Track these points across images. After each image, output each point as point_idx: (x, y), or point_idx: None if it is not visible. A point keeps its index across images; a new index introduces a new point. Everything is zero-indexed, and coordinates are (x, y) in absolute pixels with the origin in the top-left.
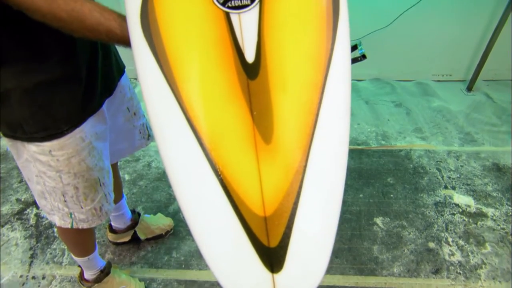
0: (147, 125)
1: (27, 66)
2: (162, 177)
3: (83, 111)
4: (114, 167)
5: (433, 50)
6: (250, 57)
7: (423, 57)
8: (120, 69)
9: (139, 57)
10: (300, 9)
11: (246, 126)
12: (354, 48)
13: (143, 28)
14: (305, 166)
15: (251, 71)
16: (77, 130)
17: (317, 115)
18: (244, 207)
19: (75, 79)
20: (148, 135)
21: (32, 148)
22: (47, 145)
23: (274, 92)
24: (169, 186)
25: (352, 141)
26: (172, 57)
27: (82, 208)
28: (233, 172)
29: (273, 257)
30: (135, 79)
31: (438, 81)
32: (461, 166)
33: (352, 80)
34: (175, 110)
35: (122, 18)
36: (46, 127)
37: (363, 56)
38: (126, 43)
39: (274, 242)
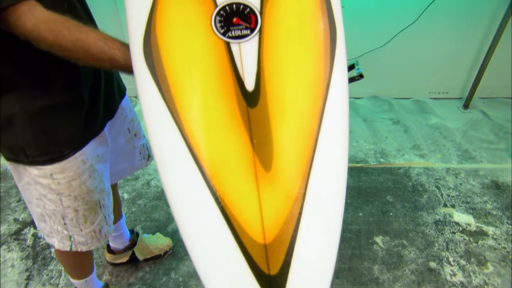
0: (147, 145)
1: (31, 92)
2: (161, 196)
3: (85, 134)
4: (114, 187)
5: (429, 68)
6: (250, 85)
7: (420, 75)
8: (121, 91)
9: (142, 85)
10: (298, 38)
11: (246, 153)
12: (351, 67)
13: (146, 56)
14: (304, 193)
15: (251, 99)
16: (79, 153)
17: (316, 141)
18: (244, 234)
19: (78, 104)
20: (148, 156)
21: (34, 171)
22: (48, 168)
23: (274, 120)
24: (168, 205)
25: (351, 159)
26: (173, 86)
27: (81, 230)
28: (233, 199)
29: (273, 284)
30: (135, 97)
31: (435, 98)
32: (460, 184)
33: (350, 98)
34: (176, 137)
35: (126, 47)
36: (48, 151)
37: (360, 76)
38: (129, 70)
39: (274, 270)
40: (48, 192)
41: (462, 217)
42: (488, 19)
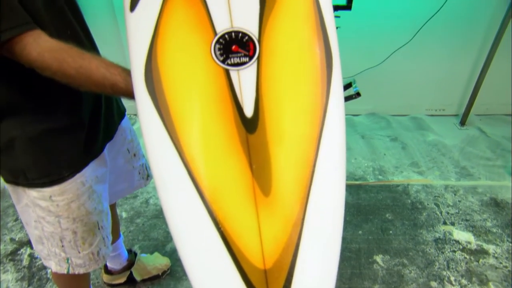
0: (146, 165)
1: (33, 116)
2: (160, 214)
3: (85, 156)
4: (112, 207)
5: (426, 85)
6: (249, 112)
7: (416, 92)
8: (121, 112)
9: (143, 111)
10: (296, 65)
11: (245, 178)
12: (348, 86)
13: (147, 83)
14: (303, 218)
15: (250, 125)
16: (78, 175)
17: (313, 167)
18: (244, 259)
19: (79, 126)
20: (147, 175)
21: (33, 193)
22: (47, 190)
23: (272, 146)
24: (167, 224)
25: (350, 176)
26: (174, 112)
27: (79, 252)
28: (233, 225)
29: None
30: (135, 115)
31: (432, 115)
32: (459, 201)
33: (348, 115)
34: (176, 162)
35: (127, 73)
36: (48, 173)
37: (358, 94)
38: (130, 96)
39: None
40: (46, 214)
41: (462, 235)
42: (482, 37)
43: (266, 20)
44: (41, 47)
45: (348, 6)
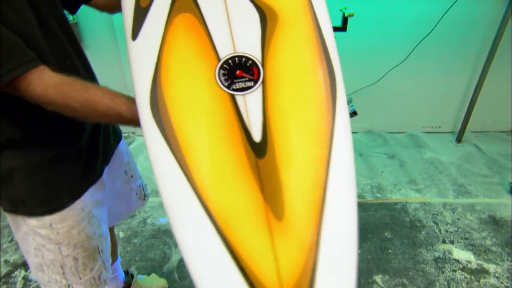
0: (143, 186)
1: (33, 147)
2: (157, 234)
3: (84, 182)
4: (111, 229)
5: (421, 103)
6: (257, 136)
7: (412, 110)
8: (117, 136)
9: (150, 140)
10: (300, 87)
11: (258, 204)
12: None
13: (153, 111)
14: (318, 241)
15: (259, 150)
16: (78, 201)
17: (325, 189)
18: (262, 287)
19: (78, 154)
20: (144, 196)
21: (32, 222)
22: (47, 218)
23: (282, 170)
24: (164, 244)
25: None
26: (181, 139)
27: (80, 278)
28: (248, 251)
29: None
30: (133, 133)
31: (428, 132)
32: (458, 219)
33: None
34: (187, 191)
35: (131, 101)
36: (48, 201)
37: (354, 113)
38: (136, 124)
39: None
40: (47, 242)
41: (462, 254)
42: (475, 56)
43: (268, 43)
44: (45, 83)
45: (343, 28)
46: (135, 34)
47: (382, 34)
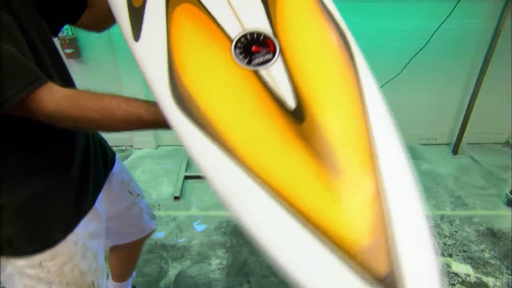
0: (148, 205)
1: (20, 181)
2: (154, 249)
3: (76, 214)
4: (138, 245)
5: (417, 115)
6: (291, 103)
7: (408, 122)
8: (110, 159)
9: (184, 134)
10: (318, 49)
11: (313, 166)
12: None
13: (178, 103)
14: (379, 188)
15: (297, 116)
16: (70, 235)
17: (370, 137)
18: (341, 245)
19: (68, 184)
20: (153, 215)
21: (20, 262)
22: (37, 257)
23: (326, 127)
24: (161, 259)
25: None
26: (217, 124)
27: None
28: (319, 213)
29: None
30: (131, 146)
31: (424, 144)
32: (456, 231)
33: None
34: (242, 177)
35: (149, 103)
36: (38, 239)
37: None
38: (158, 125)
39: (383, 269)
40: (36, 283)
41: (460, 267)
42: (468, 69)
43: (274, 16)
44: (57, 98)
45: None
46: (136, 35)
47: (377, 48)
